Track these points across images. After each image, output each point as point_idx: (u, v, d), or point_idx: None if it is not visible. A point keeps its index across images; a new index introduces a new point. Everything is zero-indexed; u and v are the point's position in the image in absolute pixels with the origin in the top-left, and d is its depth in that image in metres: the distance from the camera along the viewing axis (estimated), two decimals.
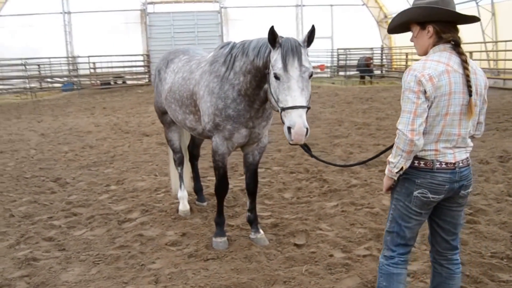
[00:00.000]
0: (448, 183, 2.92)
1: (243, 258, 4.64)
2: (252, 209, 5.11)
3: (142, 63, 28.04)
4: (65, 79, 26.41)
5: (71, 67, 27.23)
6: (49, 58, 25.99)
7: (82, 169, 8.33)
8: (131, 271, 4.41)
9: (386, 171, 3.01)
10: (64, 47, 27.51)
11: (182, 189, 6.04)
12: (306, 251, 4.73)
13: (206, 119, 4.72)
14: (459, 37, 2.88)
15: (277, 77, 3.85)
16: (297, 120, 3.68)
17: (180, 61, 5.51)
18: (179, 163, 6.13)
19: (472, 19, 2.92)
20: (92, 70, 26.43)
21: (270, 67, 3.96)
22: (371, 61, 26.06)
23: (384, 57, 29.77)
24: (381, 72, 29.12)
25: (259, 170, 5.40)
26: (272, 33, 3.85)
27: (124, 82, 27.49)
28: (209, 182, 7.23)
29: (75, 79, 25.97)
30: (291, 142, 3.75)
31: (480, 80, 2.91)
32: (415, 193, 2.95)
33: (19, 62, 23.35)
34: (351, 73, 27.21)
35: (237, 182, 7.18)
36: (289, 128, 3.72)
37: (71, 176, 7.84)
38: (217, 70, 4.64)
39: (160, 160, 8.87)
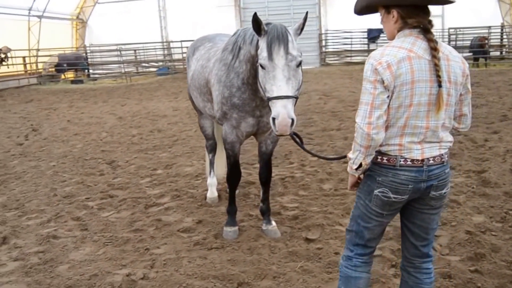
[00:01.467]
0: (412, 183, 2.58)
1: (246, 250, 4.53)
2: (265, 199, 4.97)
3: None
4: (160, 63, 27.67)
5: (165, 52, 28.39)
6: (145, 43, 27.31)
7: (140, 153, 8.66)
8: (133, 255, 4.50)
9: (348, 168, 2.74)
10: (159, 32, 28.66)
11: (212, 176, 6.03)
12: (312, 247, 4.51)
13: (216, 107, 4.66)
14: (429, 22, 2.55)
15: (262, 67, 3.68)
16: (281, 111, 3.50)
17: (204, 48, 5.47)
18: (211, 150, 6.13)
19: (444, 1, 2.58)
20: (185, 55, 27.40)
21: (258, 56, 3.79)
22: (486, 41, 23.61)
23: (504, 36, 26.58)
24: (501, 53, 26.23)
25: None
26: (256, 21, 3.67)
27: None
28: (254, 170, 7.16)
29: (170, 64, 27.15)
30: (276, 133, 3.58)
31: (454, 67, 2.55)
32: (376, 191, 2.66)
33: (115, 47, 24.87)
34: (464, 54, 25.16)
35: (281, 170, 7.04)
36: (273, 119, 3.55)
37: (125, 159, 8.19)
38: (225, 58, 4.55)
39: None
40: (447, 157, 2.68)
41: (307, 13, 3.76)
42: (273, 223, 4.91)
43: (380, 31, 25.42)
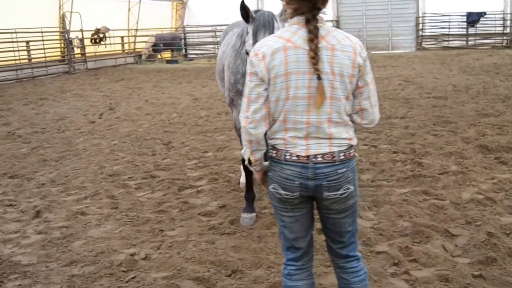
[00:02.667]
0: (298, 179, 2.41)
1: (256, 237, 4.48)
2: None
3: None
4: None
5: None
6: None
7: (199, 135, 8.84)
8: (147, 235, 4.63)
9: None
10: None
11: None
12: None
13: (225, 93, 4.63)
14: (317, 8, 2.33)
15: (248, 54, 3.58)
16: None
17: (231, 34, 5.41)
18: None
19: None
20: None
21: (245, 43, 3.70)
22: None
23: None
24: None
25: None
26: (243, 8, 3.59)
27: None
28: None
29: None
30: None
31: (340, 58, 2.31)
32: (270, 187, 2.54)
33: (210, 28, 25.55)
34: None
35: None
36: None
37: (182, 140, 8.41)
38: (235, 44, 4.48)
39: None
40: (342, 156, 2.42)
41: None
42: None
43: (480, 14, 23.68)
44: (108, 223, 4.97)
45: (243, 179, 5.91)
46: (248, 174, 4.89)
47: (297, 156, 2.39)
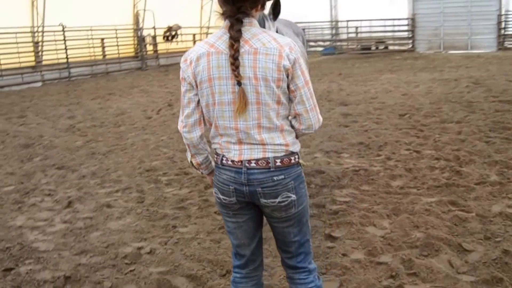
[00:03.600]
0: (232, 183, 2.37)
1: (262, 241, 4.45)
2: None
3: (406, 28, 26.86)
4: (327, 43, 27.69)
5: (334, 32, 28.26)
6: (313, 22, 27.51)
7: None
8: (160, 230, 4.76)
9: None
10: (329, 11, 28.61)
11: None
12: (324, 245, 4.24)
13: None
14: (243, 12, 2.25)
15: None
16: None
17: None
18: None
19: None
20: (353, 35, 26.96)
21: None
22: None
23: None
24: None
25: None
26: None
27: (386, 48, 27.07)
28: (324, 158, 6.89)
29: (338, 44, 27.07)
30: None
31: (262, 61, 2.23)
32: (213, 191, 2.53)
33: None
34: None
35: (361, 161, 6.65)
36: None
37: None
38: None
39: (323, 133, 8.69)
40: (279, 163, 2.33)
41: None
42: None
43: None
44: (128, 216, 5.17)
45: None
46: None
47: (232, 161, 2.37)
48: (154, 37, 22.87)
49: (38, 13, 18.65)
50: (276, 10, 3.59)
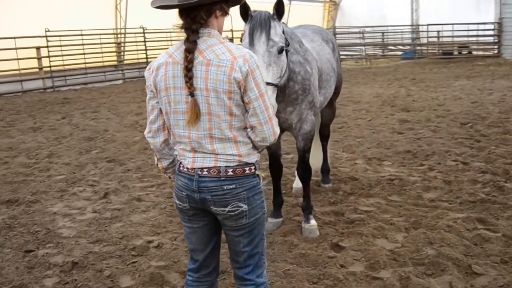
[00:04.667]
0: (185, 190, 2.43)
1: (267, 242, 4.43)
2: (304, 196, 4.74)
3: (491, 32, 25.25)
4: (407, 47, 26.73)
5: (414, 35, 27.22)
6: (393, 26, 26.70)
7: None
8: (175, 226, 4.91)
9: None
10: (409, 15, 27.61)
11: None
12: (328, 254, 4.16)
13: None
14: (198, 23, 2.29)
15: None
16: None
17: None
18: None
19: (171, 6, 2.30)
20: (434, 39, 25.82)
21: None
22: None
23: None
24: None
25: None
26: (244, 6, 3.62)
27: (469, 53, 25.61)
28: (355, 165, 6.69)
29: (418, 48, 26.07)
30: None
31: (214, 73, 2.26)
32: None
33: (358, 30, 25.16)
34: None
35: (400, 170, 6.40)
36: None
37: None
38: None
39: (373, 139, 8.45)
40: (231, 172, 2.34)
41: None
42: (312, 222, 4.65)
43: None
44: (152, 211, 5.37)
45: (295, 184, 5.87)
46: (273, 179, 4.88)
47: (187, 168, 2.43)
48: (231, 40, 23.36)
49: (121, 16, 19.80)
50: (279, 10, 3.66)
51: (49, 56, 16.99)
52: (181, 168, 2.47)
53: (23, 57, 16.06)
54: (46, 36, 16.59)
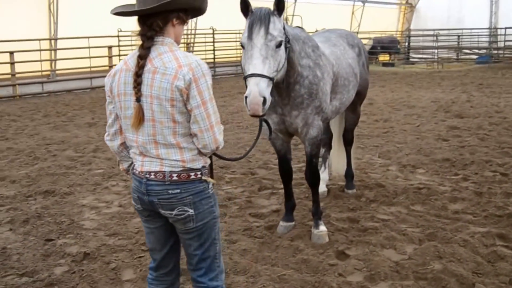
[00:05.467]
0: (137, 192, 2.53)
1: (273, 246, 4.48)
2: (313, 202, 4.71)
3: None
4: (483, 51, 25.48)
5: (491, 39, 25.91)
6: (470, 29, 25.65)
7: None
8: None
9: None
10: (488, 18, 26.31)
11: (322, 170, 5.88)
12: (328, 261, 4.11)
13: None
14: (153, 30, 2.38)
15: (242, 46, 3.71)
16: (253, 89, 3.48)
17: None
18: (323, 144, 5.99)
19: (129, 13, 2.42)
20: (508, 43, 24.44)
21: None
22: None
23: None
24: None
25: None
26: (244, 2, 3.69)
27: None
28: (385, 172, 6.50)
29: (494, 52, 24.81)
30: (249, 113, 3.55)
31: (158, 81, 2.32)
32: None
33: (432, 33, 24.35)
34: None
35: (432, 179, 6.17)
36: (246, 98, 3.53)
37: None
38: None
39: (415, 145, 8.17)
40: (176, 177, 2.40)
41: None
42: (321, 228, 4.61)
43: None
44: None
45: (319, 189, 5.80)
46: (284, 183, 4.87)
47: (138, 171, 2.52)
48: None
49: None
50: (280, 6, 3.69)
51: (119, 55, 17.75)
52: (134, 171, 2.57)
53: (95, 55, 16.93)
54: (118, 36, 17.25)
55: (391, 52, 26.76)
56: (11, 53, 14.32)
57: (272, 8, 3.78)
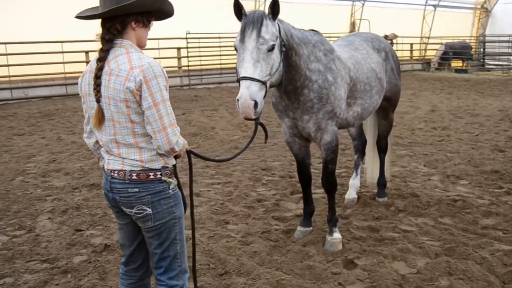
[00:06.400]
0: (104, 189, 2.68)
1: (285, 251, 4.50)
2: (329, 208, 4.67)
3: None
4: None
5: None
6: None
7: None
8: (211, 224, 5.17)
9: None
10: None
11: (353, 177, 5.81)
12: (332, 269, 4.09)
13: None
14: (112, 33, 2.49)
15: (236, 49, 3.72)
16: (244, 92, 3.48)
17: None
18: (356, 150, 5.97)
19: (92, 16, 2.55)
20: None
21: None
22: None
23: None
24: None
25: None
26: (237, 5, 3.71)
27: None
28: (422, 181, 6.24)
29: None
30: (242, 116, 3.59)
31: (113, 82, 2.44)
32: None
33: (507, 38, 22.93)
34: None
35: (471, 191, 5.88)
36: (238, 101, 3.57)
37: None
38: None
39: (467, 155, 7.78)
40: (135, 176, 2.50)
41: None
42: (335, 235, 4.56)
43: None
44: (203, 206, 5.69)
45: (347, 195, 5.76)
46: (302, 188, 4.88)
47: (105, 168, 2.69)
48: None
49: None
50: (274, 9, 3.65)
51: (187, 56, 18.44)
52: (104, 167, 2.72)
53: (165, 56, 17.66)
54: (186, 38, 17.98)
55: (464, 58, 25.45)
56: (87, 52, 15.29)
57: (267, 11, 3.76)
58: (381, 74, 5.03)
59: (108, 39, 2.51)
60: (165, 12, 2.68)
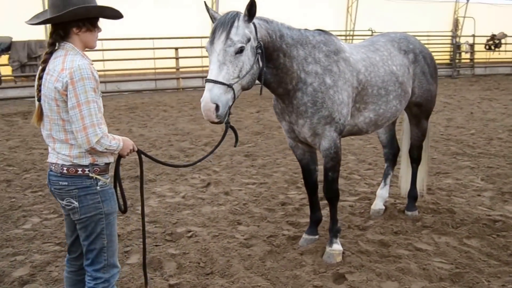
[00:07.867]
0: (47, 180, 2.85)
1: (281, 258, 4.39)
2: (331, 218, 4.46)
3: None
4: None
5: None
6: None
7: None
8: (223, 223, 5.20)
9: None
10: None
11: (381, 186, 5.48)
12: (315, 282, 3.93)
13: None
14: (59, 35, 2.70)
15: (207, 51, 3.64)
16: (205, 95, 3.40)
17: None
18: (386, 159, 5.60)
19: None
20: None
21: None
22: None
23: None
24: None
25: None
26: (206, 6, 3.71)
27: None
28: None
29: None
30: (205, 118, 3.48)
31: (47, 81, 2.64)
32: None
33: None
34: None
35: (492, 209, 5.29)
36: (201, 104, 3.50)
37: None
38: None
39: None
40: (65, 170, 2.66)
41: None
42: (335, 246, 4.35)
43: None
44: (227, 205, 5.73)
45: (373, 206, 5.47)
46: (308, 194, 4.71)
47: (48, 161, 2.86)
48: (472, 45, 21.26)
49: (351, 19, 20.21)
50: (251, 11, 3.52)
51: None
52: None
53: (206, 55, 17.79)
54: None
55: None
56: (176, 49, 15.97)
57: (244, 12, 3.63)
58: (404, 78, 4.66)
59: (51, 43, 2.73)
60: (109, 17, 2.80)
